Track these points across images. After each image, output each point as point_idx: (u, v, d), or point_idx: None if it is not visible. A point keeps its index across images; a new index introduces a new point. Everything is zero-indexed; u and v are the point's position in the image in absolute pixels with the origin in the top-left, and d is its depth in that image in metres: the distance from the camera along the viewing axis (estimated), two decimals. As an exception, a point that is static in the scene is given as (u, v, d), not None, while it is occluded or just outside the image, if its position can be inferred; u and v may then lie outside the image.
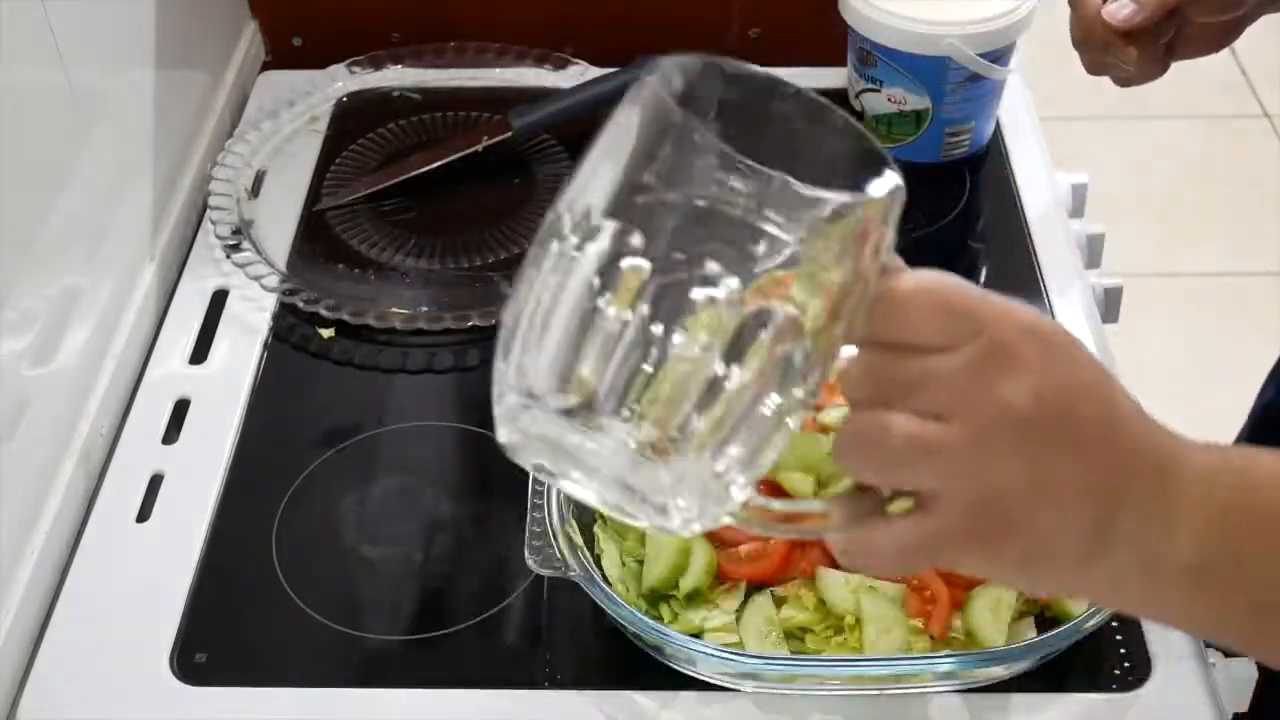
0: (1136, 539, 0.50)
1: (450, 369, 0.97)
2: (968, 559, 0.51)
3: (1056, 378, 0.49)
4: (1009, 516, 0.49)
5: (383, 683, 0.78)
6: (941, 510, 0.49)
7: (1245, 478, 0.52)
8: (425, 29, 1.23)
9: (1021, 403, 0.48)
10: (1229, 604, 0.52)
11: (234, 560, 0.84)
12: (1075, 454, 0.49)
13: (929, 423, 0.48)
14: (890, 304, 0.48)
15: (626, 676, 0.77)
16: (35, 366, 0.84)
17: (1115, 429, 0.50)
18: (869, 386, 0.50)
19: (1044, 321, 0.50)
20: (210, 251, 1.05)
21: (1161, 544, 0.50)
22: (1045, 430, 0.48)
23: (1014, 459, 0.48)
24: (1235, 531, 0.51)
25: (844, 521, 0.51)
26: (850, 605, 0.76)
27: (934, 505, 0.49)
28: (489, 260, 1.05)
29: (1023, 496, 0.48)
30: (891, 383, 0.49)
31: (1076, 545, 0.50)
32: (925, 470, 0.49)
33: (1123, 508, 0.50)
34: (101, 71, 0.95)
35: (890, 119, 1.09)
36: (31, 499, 0.83)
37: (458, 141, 1.13)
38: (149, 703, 0.77)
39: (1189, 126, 2.60)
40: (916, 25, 1.04)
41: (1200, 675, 0.77)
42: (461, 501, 0.89)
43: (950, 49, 1.03)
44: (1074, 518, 0.49)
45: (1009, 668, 0.75)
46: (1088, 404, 0.50)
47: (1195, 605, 0.53)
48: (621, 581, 0.79)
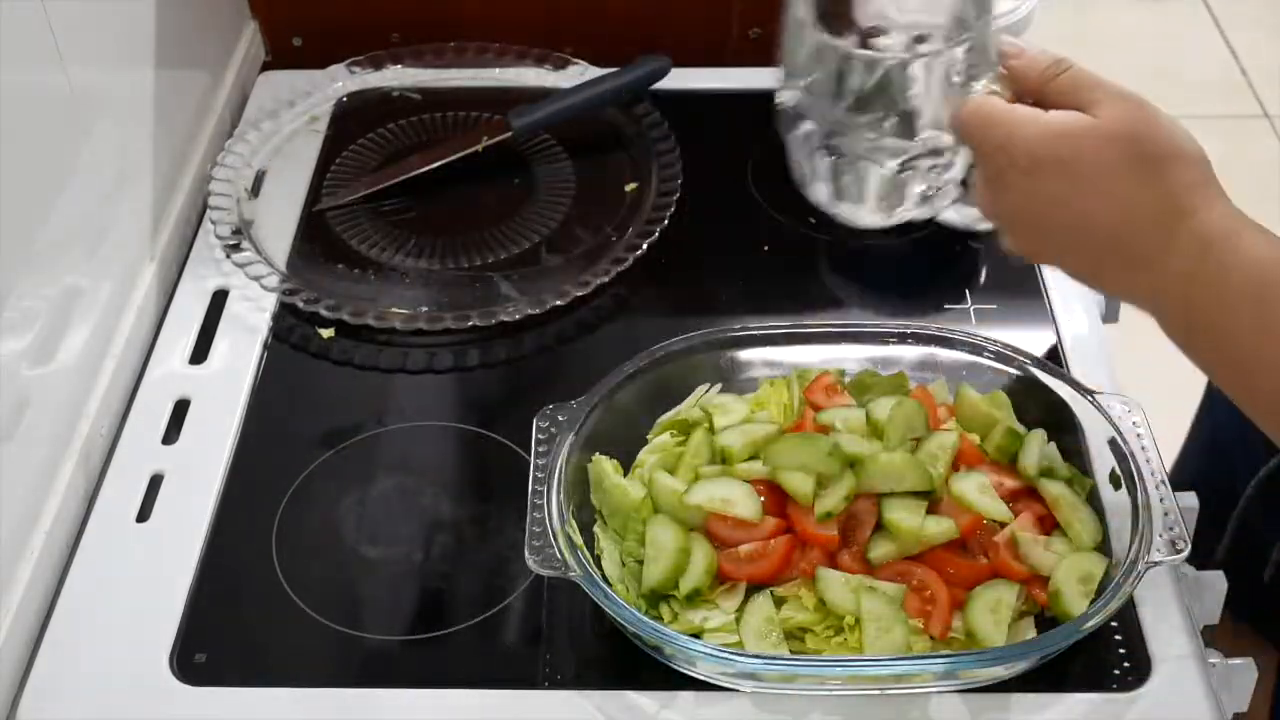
0: (1133, 279, 0.70)
1: (450, 369, 0.97)
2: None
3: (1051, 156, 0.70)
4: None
5: (383, 683, 0.78)
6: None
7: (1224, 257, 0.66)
8: (425, 29, 1.23)
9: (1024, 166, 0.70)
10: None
11: (234, 560, 0.84)
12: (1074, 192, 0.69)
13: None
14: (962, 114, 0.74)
15: (626, 676, 0.77)
16: (35, 366, 0.84)
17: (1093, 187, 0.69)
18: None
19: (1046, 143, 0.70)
20: (210, 251, 1.05)
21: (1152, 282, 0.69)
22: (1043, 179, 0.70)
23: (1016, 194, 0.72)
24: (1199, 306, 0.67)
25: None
26: (850, 605, 0.76)
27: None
28: (489, 260, 1.05)
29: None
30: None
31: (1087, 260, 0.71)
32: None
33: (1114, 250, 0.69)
34: (101, 71, 0.95)
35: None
36: (31, 499, 0.83)
37: (458, 141, 1.13)
38: (149, 703, 0.77)
39: (1189, 126, 2.60)
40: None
41: (1200, 675, 0.77)
42: (461, 501, 0.89)
43: None
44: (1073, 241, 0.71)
45: (1009, 668, 0.75)
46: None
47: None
48: (621, 581, 0.79)
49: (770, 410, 0.86)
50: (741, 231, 1.07)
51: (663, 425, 0.87)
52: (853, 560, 0.79)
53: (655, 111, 1.15)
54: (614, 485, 0.82)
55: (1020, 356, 0.87)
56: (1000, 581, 0.78)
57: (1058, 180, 0.69)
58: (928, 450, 0.82)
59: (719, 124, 1.18)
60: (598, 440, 0.83)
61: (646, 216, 1.06)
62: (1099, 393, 0.84)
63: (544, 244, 1.06)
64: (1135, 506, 0.78)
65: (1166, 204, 0.67)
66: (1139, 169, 0.67)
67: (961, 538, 0.79)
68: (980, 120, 0.72)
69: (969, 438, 0.84)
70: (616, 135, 1.16)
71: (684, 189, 1.07)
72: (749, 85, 1.21)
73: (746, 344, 0.90)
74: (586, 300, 1.00)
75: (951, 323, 0.94)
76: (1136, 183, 0.67)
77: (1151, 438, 0.81)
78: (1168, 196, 0.67)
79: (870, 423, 0.84)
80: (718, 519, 0.79)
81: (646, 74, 1.16)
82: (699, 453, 0.84)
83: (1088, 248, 0.70)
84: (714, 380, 0.89)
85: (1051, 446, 0.84)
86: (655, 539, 0.79)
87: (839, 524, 0.79)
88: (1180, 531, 0.76)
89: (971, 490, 0.80)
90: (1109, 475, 0.81)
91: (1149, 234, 0.67)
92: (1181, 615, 0.80)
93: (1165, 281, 0.68)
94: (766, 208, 1.08)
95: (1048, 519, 0.81)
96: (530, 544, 0.76)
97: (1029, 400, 0.86)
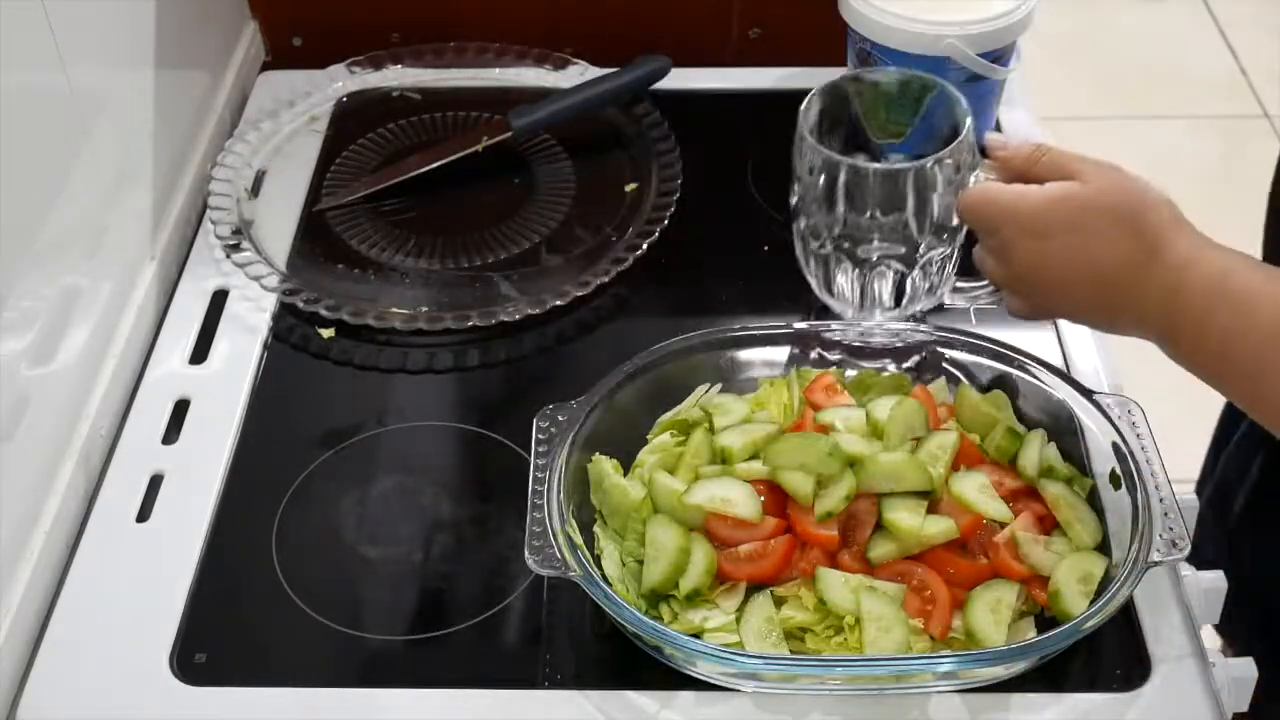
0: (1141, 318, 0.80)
1: (450, 369, 0.97)
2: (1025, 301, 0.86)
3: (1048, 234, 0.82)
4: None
5: (383, 683, 0.78)
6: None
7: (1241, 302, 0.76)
8: (425, 29, 1.23)
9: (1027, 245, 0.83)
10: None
11: (234, 560, 0.84)
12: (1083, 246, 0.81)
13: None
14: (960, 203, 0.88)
15: (626, 676, 0.77)
16: (35, 366, 0.84)
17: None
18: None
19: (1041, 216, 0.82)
20: (210, 251, 1.05)
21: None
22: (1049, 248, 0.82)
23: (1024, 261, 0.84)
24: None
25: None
26: (850, 605, 0.76)
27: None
28: (489, 260, 1.05)
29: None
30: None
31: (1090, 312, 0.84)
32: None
33: (1120, 306, 0.80)
34: (101, 71, 0.95)
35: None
36: (31, 499, 0.83)
37: (458, 141, 1.13)
38: (149, 703, 0.77)
39: (1189, 126, 2.60)
40: (916, 25, 1.04)
41: (1200, 675, 0.77)
42: (461, 501, 0.89)
43: (950, 49, 1.03)
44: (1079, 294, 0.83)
45: (1009, 668, 0.75)
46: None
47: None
48: (621, 581, 0.79)
49: (770, 410, 0.86)
50: (741, 231, 1.07)
51: (663, 425, 0.87)
52: (853, 560, 0.79)
53: (655, 111, 1.15)
54: (614, 485, 0.82)
55: (1020, 356, 0.87)
56: (1000, 581, 0.78)
57: (1067, 236, 0.80)
58: (928, 450, 0.82)
59: (719, 124, 1.18)
60: (598, 440, 0.83)
61: (646, 216, 1.06)
62: (1099, 393, 0.84)
63: (544, 244, 1.06)
64: (1135, 506, 0.78)
65: (1145, 243, 0.79)
66: (1127, 219, 0.79)
67: (961, 538, 0.79)
68: (987, 200, 0.84)
69: (969, 438, 0.84)
70: (616, 135, 1.16)
71: (684, 189, 1.07)
72: (749, 85, 1.21)
73: (746, 344, 0.90)
74: (586, 300, 1.00)
75: (951, 323, 0.94)
76: (1126, 231, 0.79)
77: (1151, 438, 0.81)
78: (1146, 237, 0.79)
79: (870, 423, 0.84)
80: (718, 519, 0.79)
81: (646, 74, 1.16)
82: (699, 453, 0.84)
83: (1099, 289, 0.80)
84: (714, 380, 0.89)
85: (1051, 446, 0.84)
86: (655, 539, 0.79)
87: (839, 524, 0.79)
88: (1180, 531, 0.76)
89: (971, 490, 0.80)
90: (1109, 475, 0.81)
91: (1139, 268, 0.79)
92: (1181, 615, 0.80)
93: (1152, 306, 0.79)
94: (766, 208, 1.08)
95: (1048, 519, 0.81)
96: (530, 544, 0.76)
97: (1029, 400, 0.86)
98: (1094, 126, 2.51)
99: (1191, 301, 0.77)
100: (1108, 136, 2.50)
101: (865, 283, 0.92)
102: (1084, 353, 0.95)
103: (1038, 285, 0.84)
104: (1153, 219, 0.79)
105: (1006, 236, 0.83)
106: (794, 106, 0.90)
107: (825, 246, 0.91)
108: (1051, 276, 0.82)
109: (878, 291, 0.93)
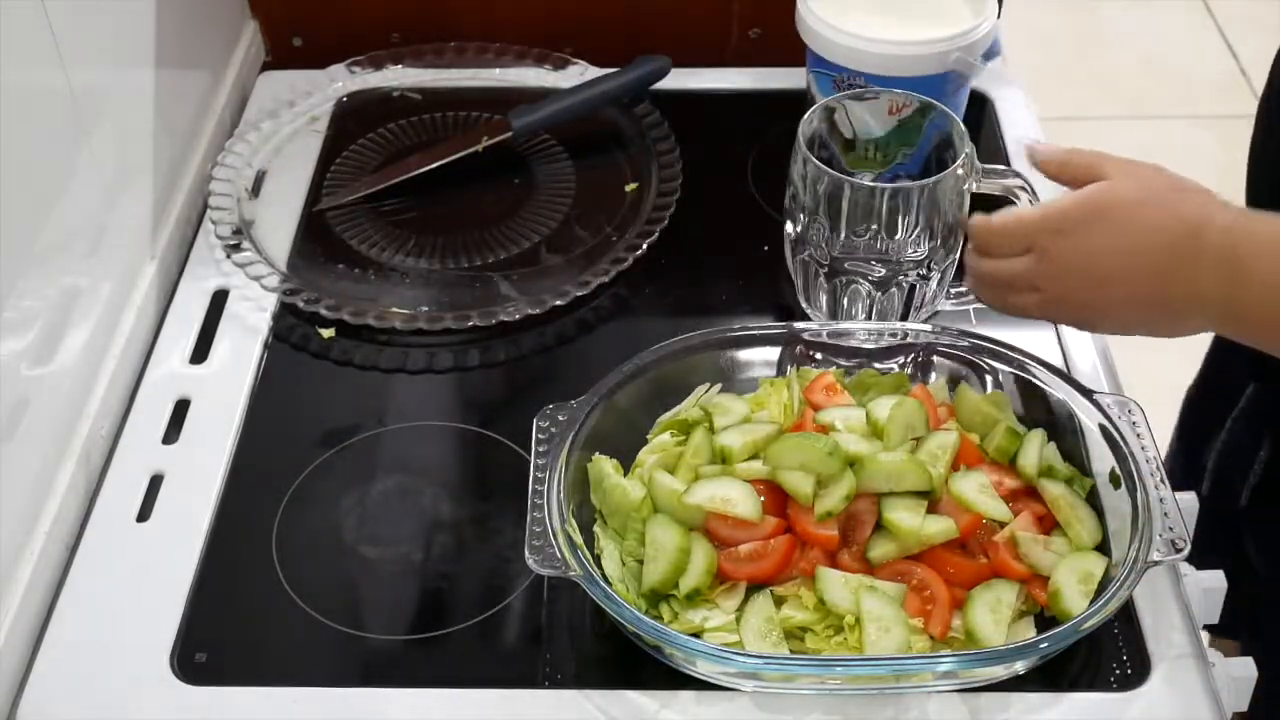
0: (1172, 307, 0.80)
1: (450, 369, 0.97)
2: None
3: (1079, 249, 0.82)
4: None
5: (383, 683, 0.78)
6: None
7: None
8: (425, 29, 1.23)
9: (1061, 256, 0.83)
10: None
11: (234, 560, 0.84)
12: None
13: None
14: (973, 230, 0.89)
15: (626, 676, 0.77)
16: (35, 366, 0.84)
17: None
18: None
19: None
20: (210, 251, 1.05)
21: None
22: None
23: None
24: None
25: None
26: (850, 605, 0.76)
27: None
28: (489, 260, 1.05)
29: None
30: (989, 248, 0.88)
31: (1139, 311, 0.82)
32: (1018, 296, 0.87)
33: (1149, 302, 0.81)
34: (101, 71, 0.95)
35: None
36: (31, 499, 0.83)
37: (458, 141, 1.13)
38: (149, 703, 0.77)
39: (1189, 126, 2.60)
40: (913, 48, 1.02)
41: (1200, 675, 0.77)
42: (461, 501, 0.89)
43: (959, 63, 1.02)
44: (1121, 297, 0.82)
45: (1009, 668, 0.75)
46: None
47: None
48: (621, 581, 0.79)
49: (770, 410, 0.86)
50: (741, 231, 1.07)
51: (662, 425, 0.87)
52: (853, 560, 0.79)
53: (655, 111, 1.15)
54: (614, 485, 0.82)
55: (1020, 356, 0.87)
56: (1000, 581, 0.78)
57: (1103, 225, 0.80)
58: (928, 450, 0.82)
59: (719, 124, 1.18)
60: (598, 440, 0.83)
61: (646, 216, 1.06)
62: (1099, 393, 0.84)
63: (544, 244, 1.06)
64: (1135, 506, 0.78)
65: (1188, 220, 0.78)
66: (1165, 204, 0.80)
67: (961, 537, 0.79)
68: (1014, 219, 0.85)
69: (969, 437, 0.84)
70: (616, 135, 1.16)
71: (684, 189, 1.07)
72: (749, 85, 1.21)
73: (746, 344, 0.90)
74: (586, 300, 1.00)
75: (951, 322, 0.94)
76: (1166, 214, 0.79)
77: (1151, 438, 0.81)
78: (1187, 214, 0.78)
79: (870, 423, 0.84)
80: (718, 519, 0.79)
81: (646, 74, 1.16)
82: (699, 453, 0.84)
83: (1149, 276, 0.80)
84: (714, 380, 0.89)
85: (1051, 446, 0.84)
86: (655, 539, 0.79)
87: (839, 524, 0.79)
88: (1180, 531, 0.76)
89: (971, 490, 0.80)
90: (1109, 475, 0.81)
91: (1188, 240, 0.78)
92: (1181, 615, 0.80)
93: (1207, 278, 0.77)
94: (766, 208, 1.08)
95: (1048, 519, 0.81)
96: (530, 544, 0.76)
97: (1029, 400, 0.86)
98: (1094, 126, 2.51)
99: (1257, 264, 0.75)
100: (1108, 136, 2.50)
101: (840, 296, 0.93)
102: (1084, 353, 0.95)
103: (1083, 289, 0.82)
104: (1191, 199, 0.79)
105: (1041, 245, 0.82)
106: (794, 106, 0.91)
107: (810, 255, 0.92)
108: (1097, 273, 0.81)
109: (848, 307, 0.94)
